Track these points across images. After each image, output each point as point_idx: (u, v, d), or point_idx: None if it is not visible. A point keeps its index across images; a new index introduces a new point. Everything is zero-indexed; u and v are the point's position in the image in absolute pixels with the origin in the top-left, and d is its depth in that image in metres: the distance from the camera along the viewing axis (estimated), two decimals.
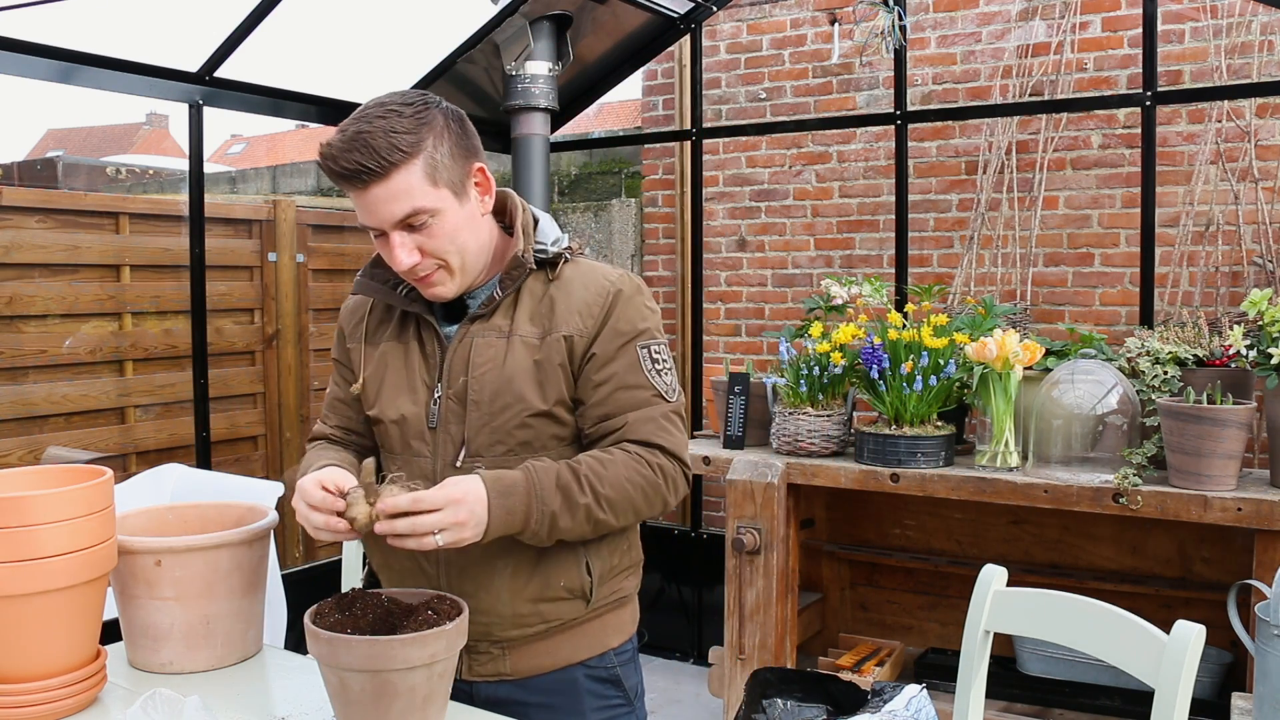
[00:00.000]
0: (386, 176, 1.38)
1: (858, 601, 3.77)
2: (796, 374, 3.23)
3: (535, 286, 1.53)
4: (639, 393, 1.50)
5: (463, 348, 1.51)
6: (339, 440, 1.67)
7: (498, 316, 1.52)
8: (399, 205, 1.40)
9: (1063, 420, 2.84)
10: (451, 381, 1.51)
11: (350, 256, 4.61)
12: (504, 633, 1.53)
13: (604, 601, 1.58)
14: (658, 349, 1.53)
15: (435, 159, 1.41)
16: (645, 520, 1.53)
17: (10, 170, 7.59)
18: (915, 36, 4.35)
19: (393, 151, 1.37)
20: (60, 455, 3.48)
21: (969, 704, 1.78)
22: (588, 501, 1.43)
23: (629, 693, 1.64)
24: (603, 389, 1.49)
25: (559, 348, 1.49)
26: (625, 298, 1.51)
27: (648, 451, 1.48)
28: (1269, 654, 2.22)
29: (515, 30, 3.64)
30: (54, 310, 3.53)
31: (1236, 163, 3.80)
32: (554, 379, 1.49)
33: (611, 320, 1.50)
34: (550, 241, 1.54)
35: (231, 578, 1.58)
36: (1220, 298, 3.82)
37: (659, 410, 1.51)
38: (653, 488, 1.48)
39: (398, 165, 1.38)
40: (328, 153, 1.40)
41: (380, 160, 1.37)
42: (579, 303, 1.50)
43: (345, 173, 1.38)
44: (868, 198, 4.55)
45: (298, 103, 3.54)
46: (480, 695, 1.56)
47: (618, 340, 1.50)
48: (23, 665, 1.38)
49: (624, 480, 1.46)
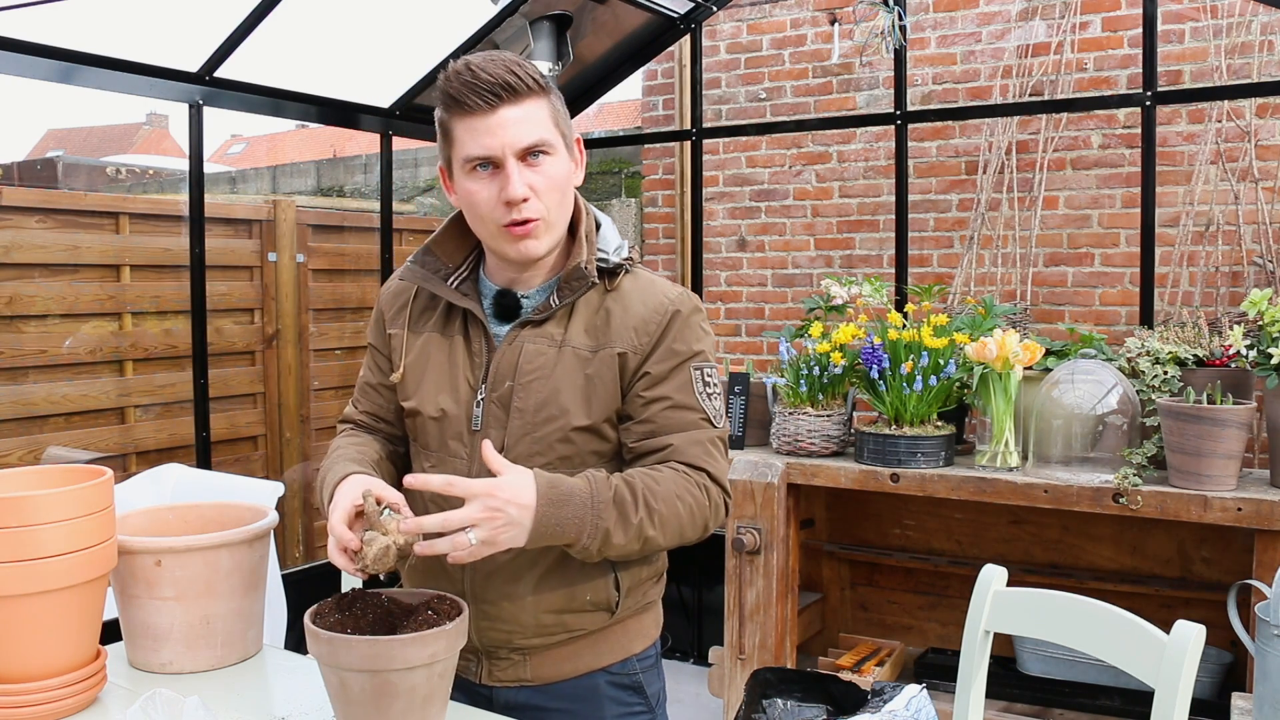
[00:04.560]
0: (522, 99, 1.37)
1: (858, 601, 3.77)
2: (796, 374, 3.23)
3: (592, 296, 1.48)
4: (688, 414, 1.45)
5: (511, 351, 1.47)
6: (366, 426, 1.63)
7: (551, 324, 1.47)
8: (528, 130, 1.38)
9: (1063, 420, 2.84)
10: (496, 385, 1.47)
11: (350, 256, 4.61)
12: (525, 641, 1.50)
13: (628, 610, 1.55)
14: (710, 372, 1.49)
15: (558, 107, 1.43)
16: (686, 544, 1.46)
17: (10, 170, 7.59)
18: (915, 36, 4.35)
19: (531, 79, 1.38)
20: (60, 455, 3.48)
21: (969, 704, 1.78)
22: (641, 518, 1.37)
23: (650, 699, 1.60)
24: (652, 407, 1.45)
25: (612, 364, 1.45)
26: (683, 318, 1.47)
27: (695, 474, 1.43)
28: (1269, 654, 2.22)
29: (515, 30, 3.64)
30: (54, 310, 3.53)
31: (1236, 163, 3.80)
32: (603, 394, 1.45)
33: (668, 340, 1.46)
34: (612, 250, 1.50)
35: (231, 578, 1.58)
36: (1220, 298, 3.82)
37: (706, 435, 1.46)
38: (700, 509, 1.43)
39: (535, 92, 1.38)
40: (461, 66, 1.37)
41: (523, 80, 1.37)
42: (636, 319, 1.46)
43: (482, 85, 1.35)
44: (868, 198, 4.55)
45: (298, 103, 3.54)
46: (499, 700, 1.54)
47: (672, 360, 1.46)
48: (23, 665, 1.37)
49: (675, 497, 1.40)
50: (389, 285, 1.63)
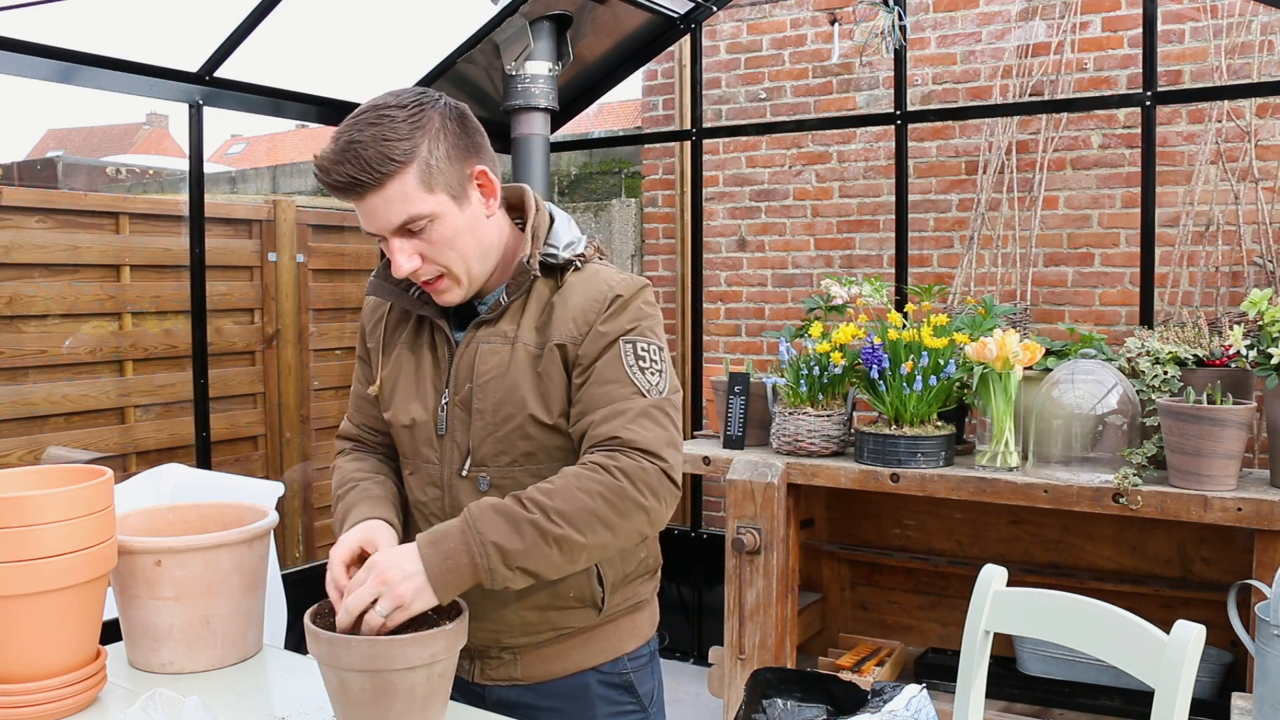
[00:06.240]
0: (380, 187, 1.35)
1: (858, 601, 3.77)
2: (796, 374, 3.23)
3: (543, 291, 1.48)
4: (612, 388, 1.41)
5: (469, 354, 1.48)
6: (365, 443, 1.66)
7: (504, 322, 1.48)
8: (394, 212, 1.37)
9: (1063, 420, 2.84)
10: (458, 388, 1.48)
11: (350, 256, 4.61)
12: (514, 640, 1.52)
13: (617, 608, 1.55)
14: (644, 345, 1.45)
15: (430, 164, 1.37)
16: (642, 532, 1.39)
17: (10, 170, 7.59)
18: (915, 36, 4.35)
19: (385, 162, 1.33)
20: (60, 455, 3.48)
21: (969, 704, 1.78)
22: (535, 518, 1.31)
23: (643, 699, 1.60)
24: (582, 390, 1.43)
25: (554, 356, 1.44)
26: (622, 301, 1.45)
27: (606, 455, 1.36)
28: (1269, 654, 2.22)
29: (515, 30, 3.64)
30: (54, 310, 3.53)
31: (1236, 163, 3.80)
32: (554, 390, 1.44)
33: (598, 323, 1.44)
34: (562, 245, 1.49)
35: (231, 578, 1.58)
36: (1220, 298, 3.82)
37: (633, 405, 1.40)
38: (616, 493, 1.34)
39: (390, 175, 1.34)
40: (321, 164, 1.37)
41: (372, 172, 1.34)
42: (575, 309, 1.45)
43: (338, 185, 1.36)
44: (868, 198, 4.55)
45: (298, 103, 3.54)
46: (491, 698, 1.55)
47: (601, 341, 1.43)
48: (23, 665, 1.37)
49: (575, 490, 1.33)
50: (367, 301, 1.66)
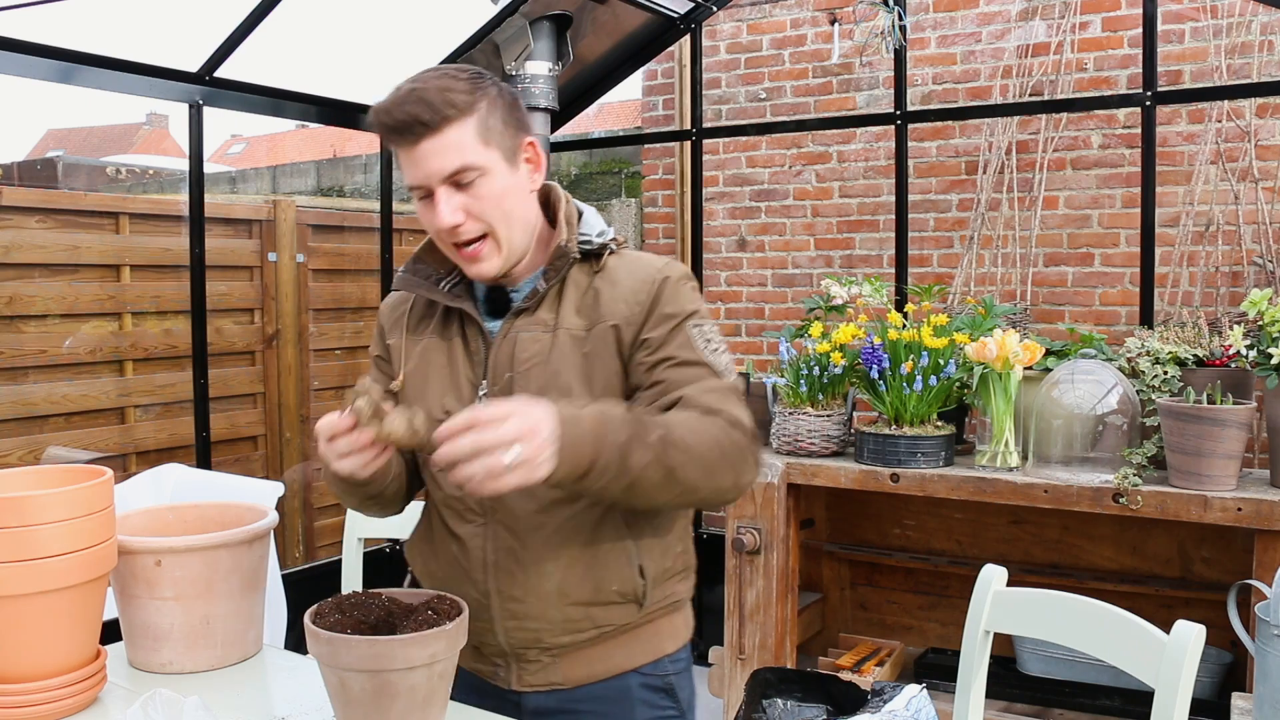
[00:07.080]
0: (438, 130, 1.36)
1: (858, 601, 3.77)
2: (796, 374, 3.23)
3: (580, 279, 1.49)
4: (695, 369, 1.42)
5: (507, 343, 1.48)
6: None
7: (543, 310, 1.48)
8: (448, 159, 1.38)
9: (1063, 420, 2.84)
10: (497, 378, 1.47)
11: (350, 256, 4.61)
12: (555, 639, 1.48)
13: (657, 606, 1.54)
14: (710, 329, 1.48)
15: (488, 122, 1.40)
16: (724, 495, 1.38)
17: (10, 170, 7.59)
18: (915, 36, 4.35)
19: (447, 106, 1.36)
20: (60, 455, 3.48)
21: (969, 704, 1.78)
22: (662, 435, 1.28)
23: (682, 704, 1.59)
24: (658, 370, 1.43)
25: (607, 337, 1.45)
26: (672, 283, 1.47)
27: (715, 416, 1.36)
28: (1269, 654, 2.22)
29: (515, 30, 3.64)
30: (54, 310, 3.53)
31: (1236, 163, 3.80)
32: (602, 371, 1.44)
33: (660, 305, 1.45)
34: (595, 233, 1.50)
35: (231, 578, 1.58)
36: (1220, 298, 3.82)
37: (718, 384, 1.42)
38: (730, 446, 1.34)
39: (451, 119, 1.36)
40: (381, 106, 1.38)
41: (434, 112, 1.35)
42: (626, 291, 1.46)
43: (398, 125, 1.37)
44: (868, 198, 4.55)
45: (298, 103, 3.54)
46: (529, 706, 1.52)
47: (668, 323, 1.45)
48: (23, 665, 1.37)
49: (697, 428, 1.32)
50: (386, 299, 1.65)
